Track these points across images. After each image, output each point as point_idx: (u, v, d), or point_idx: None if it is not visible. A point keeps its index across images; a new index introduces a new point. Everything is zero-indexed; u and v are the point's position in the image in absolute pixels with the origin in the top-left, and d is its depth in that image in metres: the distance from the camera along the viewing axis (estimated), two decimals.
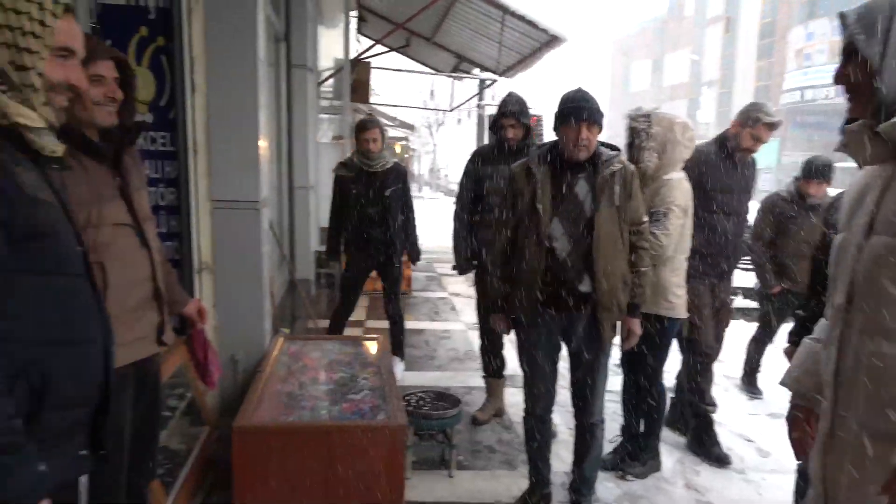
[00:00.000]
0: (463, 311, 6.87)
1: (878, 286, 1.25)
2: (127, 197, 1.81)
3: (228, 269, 3.23)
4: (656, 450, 3.34)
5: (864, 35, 1.28)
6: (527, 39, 8.06)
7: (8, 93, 1.16)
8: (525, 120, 3.60)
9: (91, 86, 1.68)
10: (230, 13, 3.03)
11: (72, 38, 1.28)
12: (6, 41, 1.15)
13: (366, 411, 2.67)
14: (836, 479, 1.36)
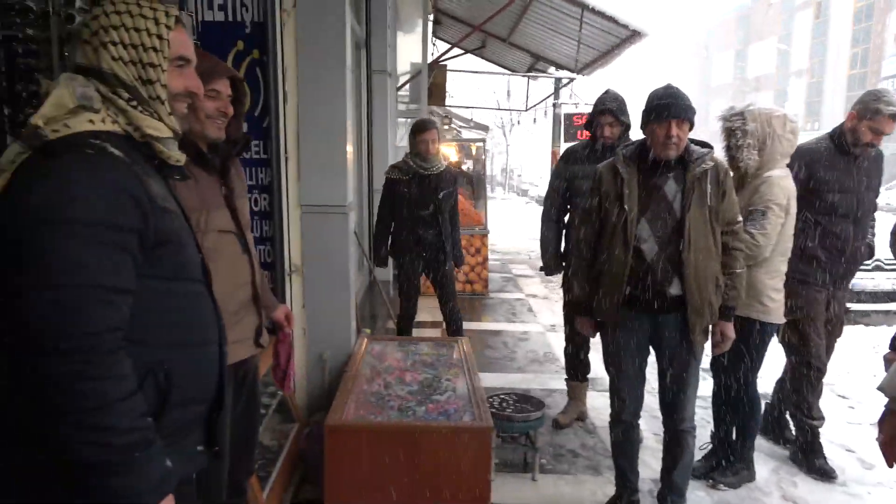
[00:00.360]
0: (540, 313, 6.82)
1: None
2: (231, 205, 1.91)
3: (317, 271, 3.34)
4: (750, 458, 3.21)
5: None
6: (606, 35, 7.91)
7: (138, 108, 1.24)
8: (624, 118, 3.51)
9: (207, 100, 1.79)
10: (319, 25, 3.13)
11: (185, 47, 1.35)
12: (132, 59, 1.23)
13: (451, 413, 2.70)
14: None
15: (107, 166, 1.13)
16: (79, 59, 1.24)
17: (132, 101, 1.23)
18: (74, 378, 1.03)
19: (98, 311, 1.07)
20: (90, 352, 1.05)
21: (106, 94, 1.22)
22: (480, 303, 7.25)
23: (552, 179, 3.80)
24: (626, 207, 2.46)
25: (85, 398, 1.04)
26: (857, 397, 4.41)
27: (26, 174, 1.11)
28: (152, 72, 1.25)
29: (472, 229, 7.44)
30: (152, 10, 1.26)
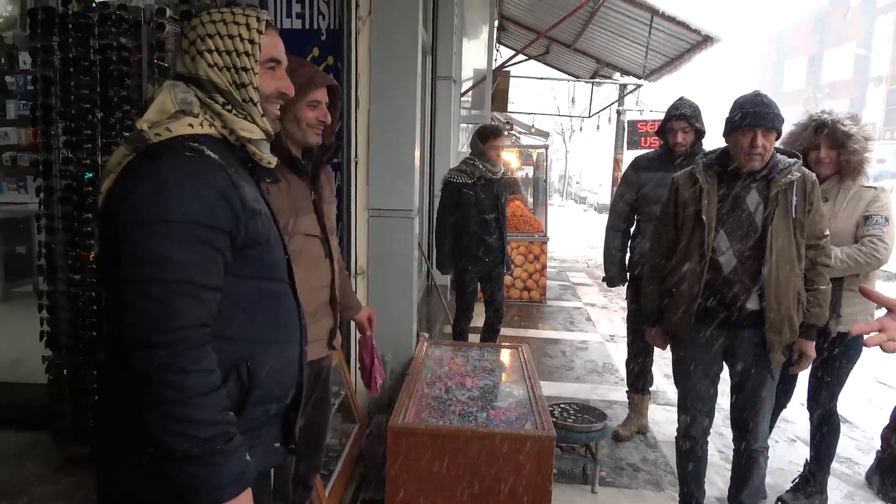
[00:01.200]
0: (599, 322, 6.72)
1: None
2: (319, 210, 1.97)
3: (381, 274, 3.40)
4: (824, 483, 3.07)
5: None
6: (675, 41, 7.74)
7: (233, 111, 1.29)
8: (698, 124, 3.42)
9: (307, 109, 1.86)
10: (393, 34, 3.19)
11: (276, 50, 1.37)
12: (226, 64, 1.28)
13: (513, 420, 2.70)
14: None
15: (203, 168, 1.19)
16: (178, 69, 1.31)
17: (227, 105, 1.29)
18: (163, 370, 1.09)
19: (188, 306, 1.12)
20: (179, 345, 1.10)
21: (203, 100, 1.28)
22: (538, 310, 7.20)
23: (620, 188, 3.73)
24: (704, 218, 2.39)
25: (172, 390, 1.09)
26: None
27: (130, 175, 1.19)
28: (245, 75, 1.29)
29: (531, 236, 7.40)
30: (245, 16, 1.30)
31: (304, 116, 1.86)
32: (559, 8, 7.93)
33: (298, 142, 1.91)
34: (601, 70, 10.75)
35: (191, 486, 1.11)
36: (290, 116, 1.83)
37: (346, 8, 2.98)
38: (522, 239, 7.25)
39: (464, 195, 4.13)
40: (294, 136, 1.88)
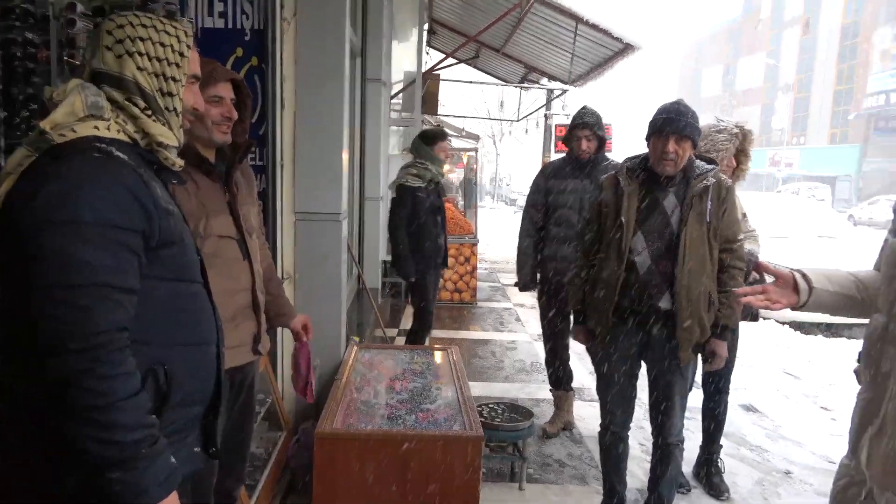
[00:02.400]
0: (528, 322, 6.86)
1: None
2: (234, 211, 1.92)
3: (308, 278, 3.36)
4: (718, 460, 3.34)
5: None
6: (599, 48, 8.00)
7: (152, 116, 1.29)
8: (600, 132, 3.57)
9: (210, 106, 1.81)
10: (319, 35, 3.16)
11: (197, 66, 1.41)
12: (155, 71, 1.29)
13: (441, 422, 2.72)
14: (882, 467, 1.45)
15: (113, 169, 1.16)
16: (97, 65, 1.27)
17: (147, 110, 1.28)
18: (83, 376, 1.06)
19: (106, 310, 1.09)
20: (99, 350, 1.07)
21: (120, 101, 1.26)
22: (468, 312, 7.28)
23: (530, 194, 3.84)
24: (623, 219, 2.49)
25: (94, 396, 1.06)
26: (840, 410, 4.47)
27: (33, 176, 1.14)
28: (173, 85, 1.31)
29: (461, 238, 7.47)
30: (174, 27, 1.32)
31: (207, 113, 1.80)
32: (488, 13, 8.05)
33: (205, 141, 1.86)
34: (529, 75, 10.98)
35: (117, 493, 1.09)
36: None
37: (270, 8, 2.93)
38: (453, 241, 7.30)
39: (419, 199, 4.13)
40: (199, 135, 1.83)
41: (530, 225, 3.81)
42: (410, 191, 4.10)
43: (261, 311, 2.06)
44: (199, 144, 1.86)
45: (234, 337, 1.94)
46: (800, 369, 5.41)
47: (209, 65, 1.89)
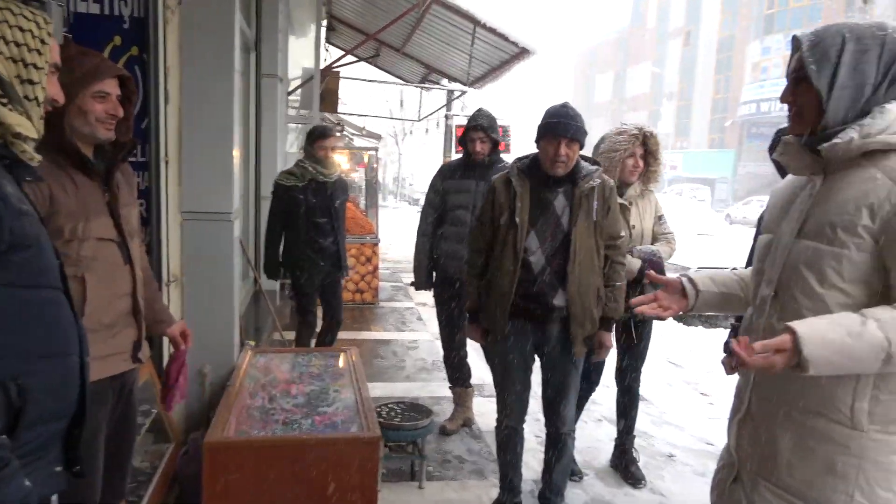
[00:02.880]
0: (430, 321, 6.89)
1: (802, 282, 1.42)
2: (114, 212, 1.82)
3: (198, 281, 3.21)
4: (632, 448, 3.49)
5: (815, 66, 1.40)
6: (496, 51, 8.17)
7: (7, 105, 1.18)
8: (494, 134, 3.65)
9: (95, 101, 1.72)
10: (206, 24, 3.02)
11: (57, 56, 1.34)
12: (13, 56, 1.19)
13: (338, 424, 2.68)
14: (753, 449, 1.55)
15: None
16: None
17: (2, 98, 1.18)
18: None
19: None
20: None
21: None
22: (370, 312, 7.23)
23: (428, 194, 3.88)
24: (517, 220, 2.56)
25: None
26: (717, 395, 4.82)
27: None
28: (35, 73, 1.23)
29: (362, 238, 7.41)
30: (32, 13, 1.24)
31: (92, 109, 1.71)
32: (388, 11, 8.02)
33: (87, 138, 1.75)
34: (430, 75, 11.05)
35: None
36: (74, 110, 1.68)
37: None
38: (354, 241, 7.23)
39: (292, 198, 4.03)
40: (81, 132, 1.72)
41: (427, 224, 3.83)
42: (283, 189, 4.05)
43: (142, 317, 1.96)
44: (80, 141, 1.74)
45: (113, 344, 1.85)
46: (682, 358, 5.78)
47: (95, 58, 1.80)
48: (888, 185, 1.33)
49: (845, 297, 1.38)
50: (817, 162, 1.46)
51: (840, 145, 1.39)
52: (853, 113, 1.40)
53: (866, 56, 1.38)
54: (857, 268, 1.36)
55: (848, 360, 1.31)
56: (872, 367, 1.32)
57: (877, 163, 1.37)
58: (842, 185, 1.41)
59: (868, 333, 1.30)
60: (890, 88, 1.39)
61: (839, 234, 1.37)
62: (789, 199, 1.56)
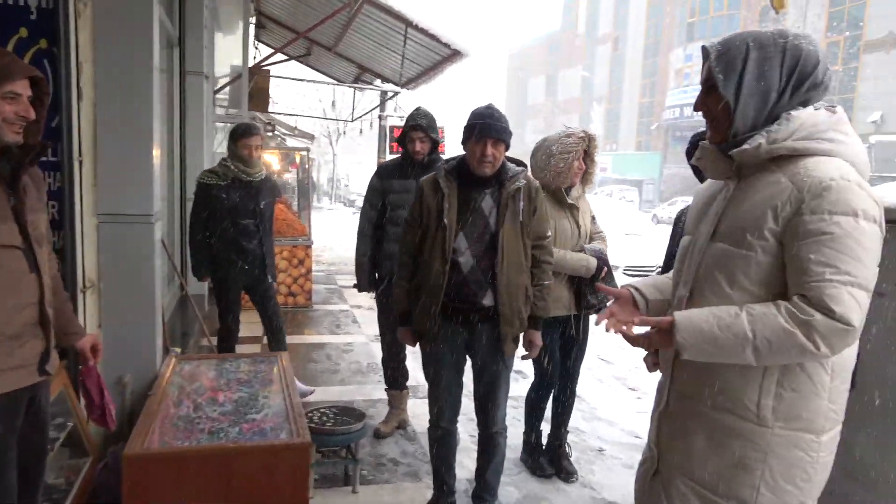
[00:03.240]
0: (365, 323, 6.84)
1: (714, 283, 1.49)
2: (20, 218, 1.74)
3: (116, 286, 3.06)
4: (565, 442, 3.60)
5: (722, 76, 1.47)
6: (429, 53, 8.17)
7: None
8: (433, 134, 3.63)
9: (4, 102, 1.65)
10: (122, 17, 2.88)
11: None
12: None
13: (267, 431, 2.61)
14: (670, 444, 1.61)
15: None
16: None
17: None
18: None
19: None
20: None
21: None
22: (304, 315, 7.10)
23: (367, 194, 3.83)
24: (446, 221, 2.56)
25: None
26: (645, 389, 4.98)
27: None
28: None
29: (294, 240, 7.27)
30: None
31: (1, 111, 1.64)
32: (319, 10, 7.90)
33: None
34: (363, 76, 10.96)
35: None
36: None
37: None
38: (286, 243, 7.08)
39: (214, 198, 3.92)
40: None
41: (367, 225, 3.78)
42: (205, 188, 3.96)
43: (50, 327, 1.87)
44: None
45: (18, 356, 1.76)
46: (612, 355, 5.93)
47: (5, 57, 1.72)
48: (790, 188, 1.39)
49: (752, 297, 1.43)
50: (731, 167, 1.52)
51: (749, 151, 1.45)
52: (762, 119, 1.46)
53: (770, 63, 1.44)
54: (763, 270, 1.42)
55: (716, 349, 1.39)
56: (744, 357, 1.38)
57: (784, 168, 1.43)
58: (752, 189, 1.47)
59: (736, 326, 1.37)
60: (795, 94, 1.45)
61: (747, 237, 1.43)
62: (707, 201, 1.62)
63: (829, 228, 1.33)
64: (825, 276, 1.32)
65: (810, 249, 1.34)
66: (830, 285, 1.32)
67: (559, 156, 3.10)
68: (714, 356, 1.41)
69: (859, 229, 1.34)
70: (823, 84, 1.47)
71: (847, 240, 1.33)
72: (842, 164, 1.40)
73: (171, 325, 4.79)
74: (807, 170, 1.39)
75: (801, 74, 1.44)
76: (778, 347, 1.35)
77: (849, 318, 1.31)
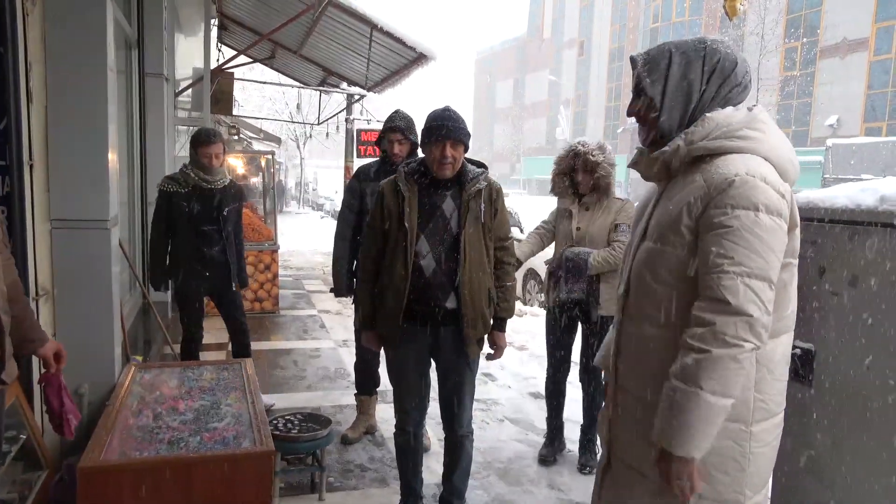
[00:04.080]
0: (333, 329, 6.77)
1: (642, 280, 1.56)
2: None
3: (71, 294, 2.96)
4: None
5: (649, 79, 1.56)
6: (395, 56, 8.13)
7: None
8: (412, 136, 3.58)
9: None
10: (74, 16, 2.80)
11: None
12: None
13: (229, 440, 2.55)
14: (619, 440, 1.66)
15: None
16: None
17: None
18: None
19: None
20: None
21: None
22: (270, 321, 6.99)
23: (345, 197, 3.78)
24: (407, 224, 2.53)
25: None
26: None
27: None
28: None
29: (261, 245, 7.17)
30: None
31: None
32: (282, 12, 7.80)
33: None
34: (329, 79, 10.86)
35: None
36: None
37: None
38: (252, 248, 6.97)
39: (174, 205, 3.84)
40: None
41: (346, 228, 3.72)
42: (165, 196, 3.89)
43: (5, 334, 1.79)
44: None
45: None
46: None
47: None
48: (703, 186, 1.47)
49: (675, 292, 1.50)
50: (662, 169, 1.59)
51: (668, 152, 1.53)
52: (685, 120, 1.54)
53: (691, 67, 1.53)
54: (682, 264, 1.49)
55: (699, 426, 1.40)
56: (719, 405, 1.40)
57: (701, 168, 1.51)
58: (674, 189, 1.55)
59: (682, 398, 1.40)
60: (716, 95, 1.54)
61: (669, 235, 1.51)
62: (645, 203, 1.70)
63: (729, 222, 1.40)
64: (723, 267, 1.39)
65: (712, 242, 1.42)
66: (727, 276, 1.38)
67: (610, 164, 3.39)
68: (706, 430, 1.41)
69: (759, 223, 1.39)
70: (743, 84, 1.55)
71: (744, 232, 1.39)
72: (750, 160, 1.46)
73: (132, 333, 4.67)
74: (716, 167, 1.47)
75: (721, 75, 1.52)
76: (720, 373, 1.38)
77: (744, 308, 1.37)
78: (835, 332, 2.00)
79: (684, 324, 1.46)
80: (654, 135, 1.58)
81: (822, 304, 2.03)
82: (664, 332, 1.52)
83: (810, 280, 2.06)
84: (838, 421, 1.96)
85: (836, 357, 2.00)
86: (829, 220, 2.02)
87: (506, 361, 5.43)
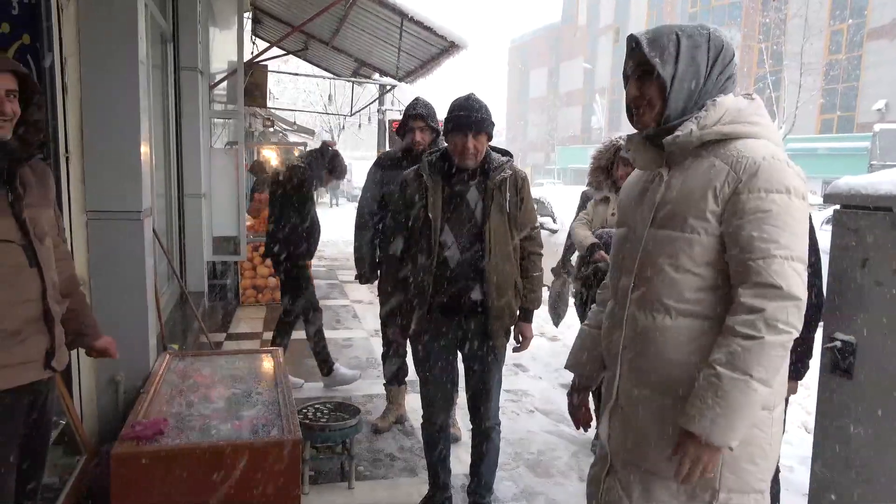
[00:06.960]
0: (365, 318, 6.81)
1: (659, 269, 1.49)
2: (18, 213, 1.75)
3: (107, 284, 3.03)
4: None
5: (659, 59, 1.49)
6: (426, 45, 8.09)
7: None
8: (433, 123, 3.56)
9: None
10: (107, 11, 2.85)
11: None
12: None
13: (259, 428, 2.58)
14: (621, 440, 1.60)
15: None
16: None
17: None
18: None
19: None
20: None
21: None
22: None
23: (366, 185, 3.78)
24: (431, 215, 2.51)
25: None
26: None
27: None
28: None
29: None
30: None
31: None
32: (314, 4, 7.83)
33: None
34: (361, 69, 10.89)
35: None
36: None
37: None
38: None
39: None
40: None
41: (368, 216, 3.73)
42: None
43: (55, 323, 1.87)
44: None
45: (21, 352, 1.76)
46: None
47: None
48: (725, 169, 1.44)
49: (699, 279, 1.46)
50: (660, 155, 1.55)
51: (681, 137, 1.48)
52: (690, 104, 1.50)
53: (698, 51, 1.49)
54: (707, 251, 1.45)
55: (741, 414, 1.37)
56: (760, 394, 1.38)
57: (714, 151, 1.47)
58: (687, 175, 1.50)
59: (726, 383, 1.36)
60: (718, 80, 1.51)
61: (689, 221, 1.46)
62: (640, 192, 1.63)
63: (767, 206, 1.39)
64: (770, 251, 1.37)
65: (752, 227, 1.39)
66: (775, 261, 1.37)
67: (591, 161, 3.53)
68: (750, 418, 1.40)
69: (793, 206, 1.40)
70: (734, 75, 1.55)
71: (784, 215, 1.39)
72: (768, 144, 1.46)
73: (169, 322, 4.76)
74: (739, 151, 1.44)
75: (722, 63, 1.51)
76: (769, 360, 1.37)
77: (795, 291, 1.37)
78: (877, 324, 1.93)
79: (710, 311, 1.44)
80: (658, 117, 1.53)
81: (864, 295, 1.95)
82: (687, 322, 1.47)
83: (851, 270, 1.98)
84: (879, 414, 1.89)
85: (878, 349, 1.92)
86: (873, 206, 1.94)
87: (537, 352, 5.40)
